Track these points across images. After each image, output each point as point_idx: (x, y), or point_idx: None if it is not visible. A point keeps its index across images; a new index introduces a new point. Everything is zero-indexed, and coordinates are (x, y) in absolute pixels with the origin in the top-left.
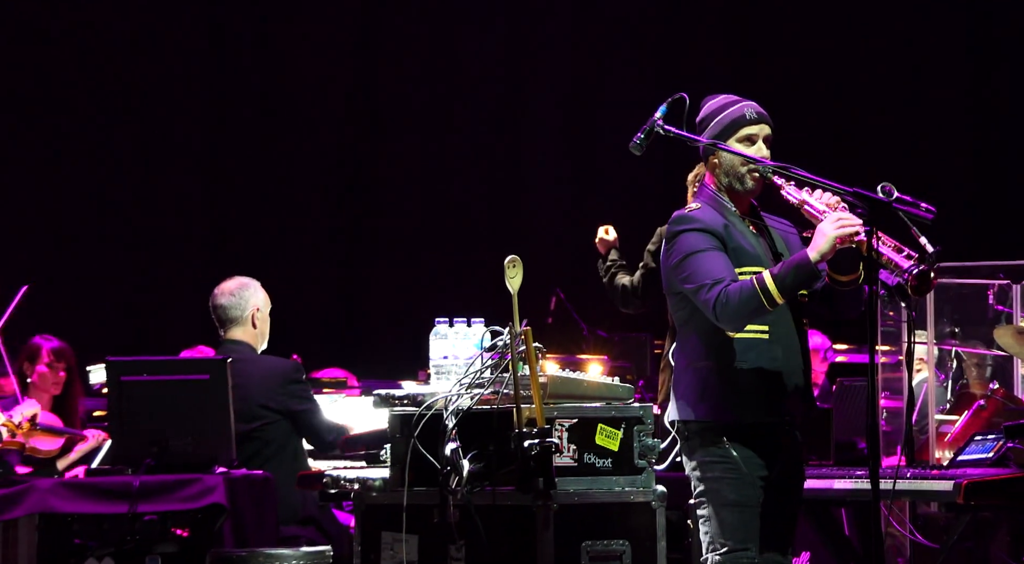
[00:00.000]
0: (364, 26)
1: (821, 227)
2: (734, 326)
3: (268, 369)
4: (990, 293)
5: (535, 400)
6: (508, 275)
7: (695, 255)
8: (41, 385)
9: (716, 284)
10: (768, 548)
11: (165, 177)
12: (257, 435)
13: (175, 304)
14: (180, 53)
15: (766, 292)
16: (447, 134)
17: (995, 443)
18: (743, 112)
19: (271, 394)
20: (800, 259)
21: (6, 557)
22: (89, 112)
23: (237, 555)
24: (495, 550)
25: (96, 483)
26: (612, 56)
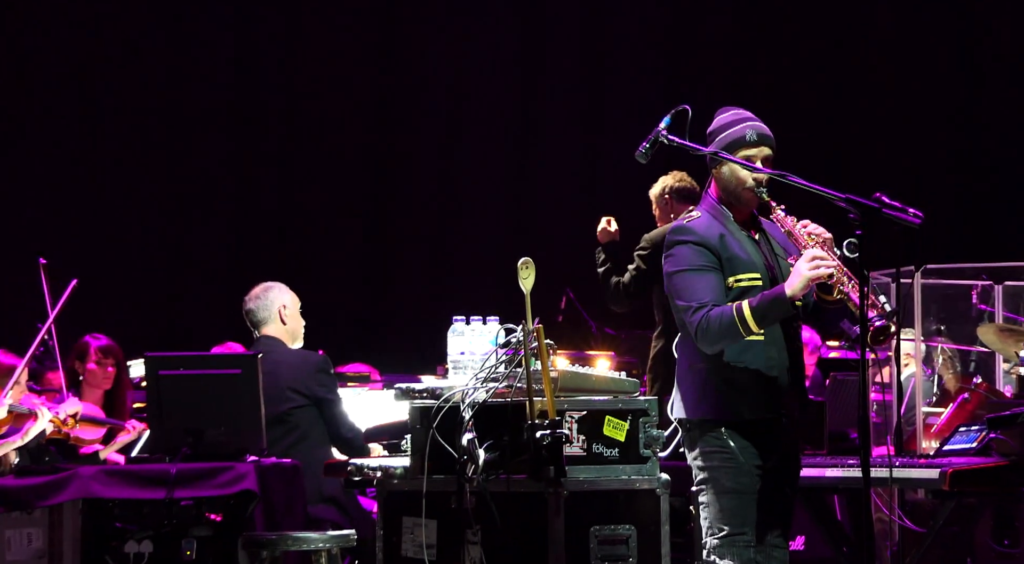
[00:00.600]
0: (386, 35)
1: (797, 266)
2: (711, 349)
3: (300, 358)
4: (974, 293)
5: (547, 393)
6: (521, 276)
7: (686, 274)
8: (92, 381)
9: (700, 308)
10: (767, 532)
11: (195, 179)
12: (286, 418)
13: (205, 301)
14: (209, 58)
15: (743, 322)
16: (465, 141)
17: (978, 434)
18: (744, 133)
19: (301, 380)
20: (777, 294)
21: (52, 539)
22: (125, 116)
23: (267, 538)
24: (509, 534)
25: (136, 470)
26: (619, 66)
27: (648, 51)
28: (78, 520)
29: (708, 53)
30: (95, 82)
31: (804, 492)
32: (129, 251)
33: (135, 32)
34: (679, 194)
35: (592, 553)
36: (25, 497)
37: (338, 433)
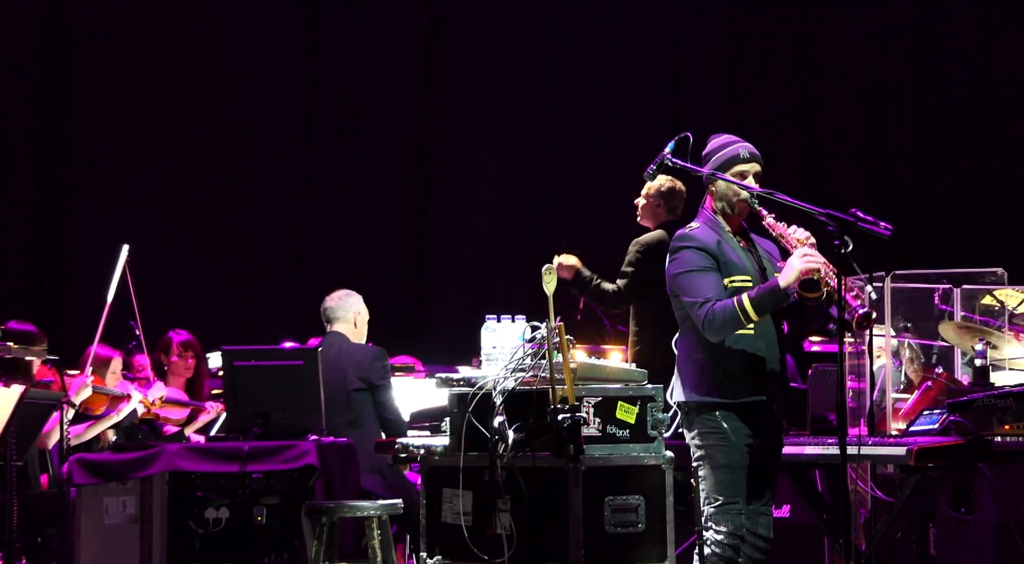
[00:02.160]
0: (427, 51)
1: (790, 261)
2: (717, 339)
3: (363, 350)
4: (936, 295)
5: (567, 382)
6: (544, 281)
7: (691, 274)
8: (174, 371)
9: (705, 303)
10: (754, 500)
11: (262, 188)
12: (348, 399)
13: (271, 300)
14: (273, 66)
15: (744, 312)
16: (497, 162)
17: (940, 416)
18: (738, 152)
19: (362, 366)
20: (772, 285)
21: (143, 506)
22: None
23: (326, 506)
24: (535, 503)
25: (214, 447)
26: (630, 91)
27: (654, 77)
28: (165, 490)
29: (705, 83)
30: (177, 87)
31: (789, 466)
32: (207, 253)
33: (207, 37)
34: (667, 197)
35: (606, 520)
36: (120, 470)
37: (384, 414)
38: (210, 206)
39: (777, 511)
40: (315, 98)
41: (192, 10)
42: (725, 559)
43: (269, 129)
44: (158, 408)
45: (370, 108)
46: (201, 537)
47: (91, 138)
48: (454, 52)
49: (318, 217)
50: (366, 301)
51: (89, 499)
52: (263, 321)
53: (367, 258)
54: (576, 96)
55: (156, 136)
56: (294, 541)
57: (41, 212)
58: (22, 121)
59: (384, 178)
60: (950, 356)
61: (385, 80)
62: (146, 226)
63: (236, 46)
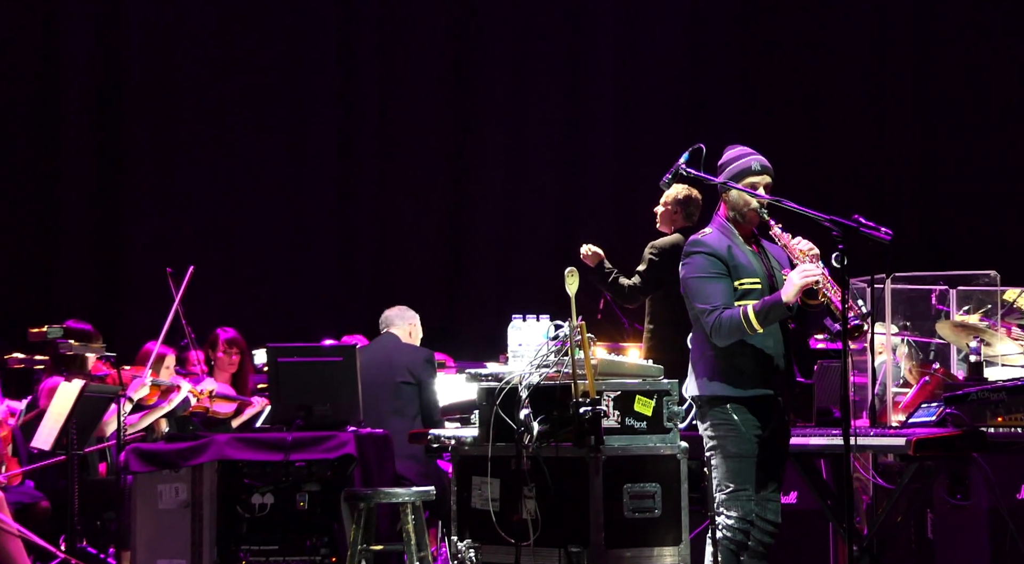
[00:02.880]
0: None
1: (791, 277)
2: (724, 344)
3: (415, 348)
4: (933, 296)
5: (588, 377)
6: (567, 282)
7: (701, 280)
8: (220, 366)
9: (713, 310)
10: (763, 487)
11: (305, 196)
12: (397, 389)
13: (312, 299)
14: (318, 78)
15: (748, 322)
16: (524, 172)
17: (937, 409)
18: (751, 164)
19: (413, 363)
20: (775, 299)
21: (194, 492)
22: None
23: (364, 493)
24: (558, 491)
25: (260, 438)
26: (649, 105)
27: (671, 91)
28: (214, 477)
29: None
30: (225, 101)
31: (796, 456)
32: (255, 257)
33: (254, 53)
34: (684, 205)
35: (625, 506)
36: (173, 459)
37: (427, 409)
38: (258, 214)
39: (785, 497)
40: (353, 111)
41: (238, 32)
42: (736, 542)
43: (311, 141)
44: (207, 401)
45: (405, 120)
46: (248, 521)
47: (147, 149)
48: (483, 63)
49: (357, 225)
50: (402, 301)
51: (144, 486)
52: (306, 320)
53: (403, 263)
54: (597, 111)
55: (208, 149)
56: (334, 525)
57: (101, 221)
58: (85, 131)
59: (419, 190)
60: (946, 353)
61: (419, 91)
62: (199, 233)
63: (278, 62)
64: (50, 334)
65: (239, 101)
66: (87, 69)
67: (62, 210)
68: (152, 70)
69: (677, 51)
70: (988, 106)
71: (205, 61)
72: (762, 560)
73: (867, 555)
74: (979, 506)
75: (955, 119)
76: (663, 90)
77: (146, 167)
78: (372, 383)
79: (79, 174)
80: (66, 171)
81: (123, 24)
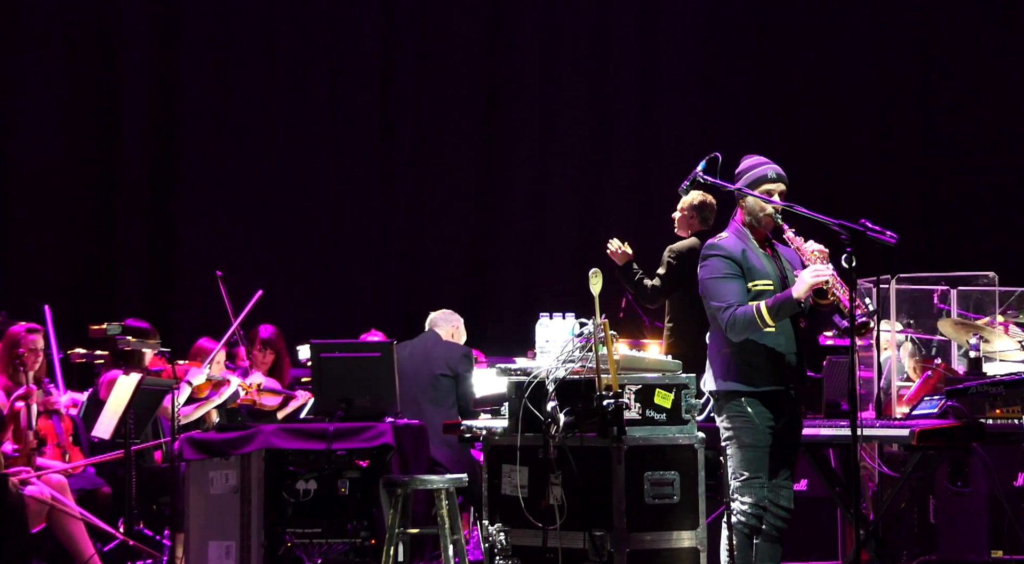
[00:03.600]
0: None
1: (802, 275)
2: (738, 339)
3: (454, 345)
4: (935, 296)
5: (611, 371)
6: (591, 282)
7: (717, 280)
8: (256, 362)
9: (728, 308)
10: (776, 475)
11: (344, 200)
12: (435, 381)
13: (351, 297)
14: (357, 89)
15: (761, 317)
16: (551, 177)
17: (939, 402)
18: (766, 172)
19: (451, 357)
20: (786, 296)
21: (243, 478)
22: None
23: (401, 479)
24: (583, 478)
25: (303, 428)
26: (670, 116)
27: (690, 99)
28: (262, 464)
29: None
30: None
31: (806, 446)
32: (298, 258)
33: (297, 68)
34: (701, 210)
35: (646, 493)
36: (223, 447)
37: (464, 401)
38: (300, 218)
39: (796, 485)
40: (388, 120)
41: (282, 49)
42: (750, 527)
43: (349, 149)
44: (255, 394)
45: (437, 129)
46: (293, 506)
47: (198, 158)
48: (512, 75)
49: (393, 229)
50: (435, 300)
51: (197, 472)
52: (344, 316)
53: (436, 264)
54: (619, 121)
55: (253, 157)
56: (373, 510)
57: (155, 227)
58: (140, 143)
59: (451, 197)
60: (947, 349)
61: (451, 101)
62: (245, 236)
63: (320, 75)
64: (109, 331)
65: (282, 112)
66: (144, 86)
67: (119, 216)
68: (204, 85)
69: (694, 66)
70: (990, 112)
71: (252, 76)
72: (775, 543)
73: (873, 538)
74: (978, 492)
75: (957, 126)
76: (681, 103)
77: (196, 175)
78: (411, 375)
79: (135, 183)
80: (123, 181)
81: (178, 44)
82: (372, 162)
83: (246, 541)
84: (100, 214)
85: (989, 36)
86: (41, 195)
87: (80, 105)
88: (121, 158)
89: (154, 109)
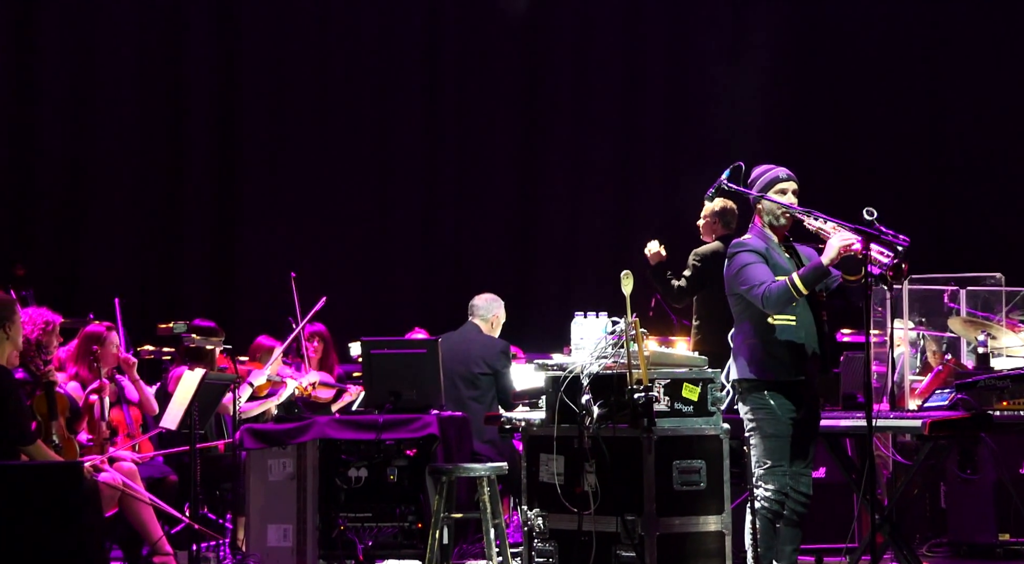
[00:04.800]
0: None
1: (830, 242)
2: (775, 311)
3: (492, 341)
4: (945, 295)
5: (641, 367)
6: (623, 284)
7: (747, 266)
8: (309, 356)
9: (761, 285)
10: (796, 462)
11: (392, 204)
12: (475, 379)
13: (400, 296)
14: (405, 97)
15: (794, 286)
16: (586, 184)
17: (949, 395)
18: (778, 174)
19: (489, 355)
20: (817, 263)
21: (299, 466)
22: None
23: (446, 467)
24: (615, 466)
25: (355, 419)
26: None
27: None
28: (316, 453)
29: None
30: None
31: (824, 436)
32: (348, 259)
33: (348, 79)
34: (723, 217)
35: (674, 480)
36: (281, 437)
37: (503, 394)
38: (352, 222)
39: (815, 472)
40: (433, 127)
41: (335, 64)
42: (772, 512)
43: (398, 156)
44: (312, 389)
45: (480, 138)
46: (345, 492)
47: (258, 166)
48: (549, 84)
49: (438, 234)
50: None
51: (256, 460)
52: (392, 314)
53: (478, 265)
54: (650, 133)
55: (310, 163)
56: (420, 496)
57: (219, 230)
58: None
59: (492, 200)
60: (957, 345)
61: (493, 111)
62: (302, 239)
63: (370, 86)
64: (176, 329)
65: (336, 121)
66: (207, 97)
67: (185, 221)
68: (263, 96)
69: (718, 82)
70: (998, 120)
71: (307, 87)
72: (796, 527)
73: (887, 522)
74: (986, 479)
75: (965, 133)
76: (707, 116)
77: (257, 182)
78: (453, 373)
79: (200, 189)
80: (189, 187)
81: (240, 62)
82: (418, 173)
83: (302, 524)
84: (166, 220)
85: (1001, 38)
86: (114, 206)
87: (150, 118)
88: (188, 170)
89: (219, 121)
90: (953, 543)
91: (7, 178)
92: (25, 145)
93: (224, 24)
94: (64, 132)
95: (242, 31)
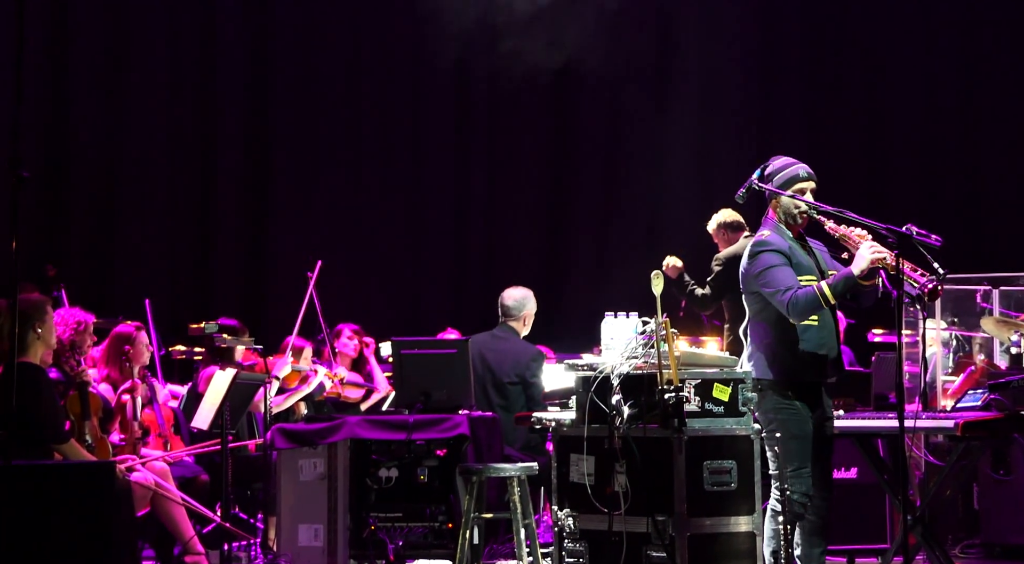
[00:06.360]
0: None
1: (861, 252)
2: (800, 319)
3: (524, 348)
4: (977, 295)
5: (672, 367)
6: (653, 284)
7: (772, 269)
8: (342, 354)
9: (788, 290)
10: (818, 462)
11: (424, 205)
12: (503, 387)
13: (431, 297)
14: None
15: (824, 296)
16: (618, 187)
17: (982, 395)
18: (797, 172)
19: (519, 364)
20: (847, 273)
21: (330, 466)
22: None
23: (476, 467)
24: (646, 466)
25: (385, 419)
26: (726, 131)
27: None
28: (347, 453)
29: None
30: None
31: (856, 436)
32: (379, 260)
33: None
34: (731, 227)
35: (705, 480)
36: (311, 437)
37: (531, 400)
38: (382, 224)
39: (847, 473)
40: (467, 122)
41: (366, 72)
42: (796, 514)
43: (430, 157)
44: (339, 387)
45: (512, 138)
46: (376, 492)
47: (287, 169)
48: (580, 89)
49: (470, 235)
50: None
51: (287, 460)
52: (423, 313)
53: (510, 266)
54: (681, 137)
55: (339, 168)
56: (450, 496)
57: (248, 233)
58: (235, 157)
59: (524, 200)
60: (990, 346)
61: (526, 111)
62: (331, 242)
63: (401, 88)
64: (207, 329)
65: (367, 124)
66: (240, 98)
67: (217, 222)
68: (295, 96)
69: (750, 87)
70: None
71: (338, 88)
72: (822, 528)
73: (920, 523)
74: (1020, 480)
75: (998, 134)
76: (738, 117)
77: (286, 185)
78: (484, 380)
79: (231, 190)
80: (220, 187)
81: (271, 66)
82: (449, 172)
83: (333, 524)
84: (197, 222)
85: None
86: (146, 207)
87: (183, 119)
88: (220, 171)
89: (251, 123)
90: (986, 544)
91: (41, 179)
92: (59, 147)
93: (256, 25)
94: (97, 133)
95: (275, 32)
